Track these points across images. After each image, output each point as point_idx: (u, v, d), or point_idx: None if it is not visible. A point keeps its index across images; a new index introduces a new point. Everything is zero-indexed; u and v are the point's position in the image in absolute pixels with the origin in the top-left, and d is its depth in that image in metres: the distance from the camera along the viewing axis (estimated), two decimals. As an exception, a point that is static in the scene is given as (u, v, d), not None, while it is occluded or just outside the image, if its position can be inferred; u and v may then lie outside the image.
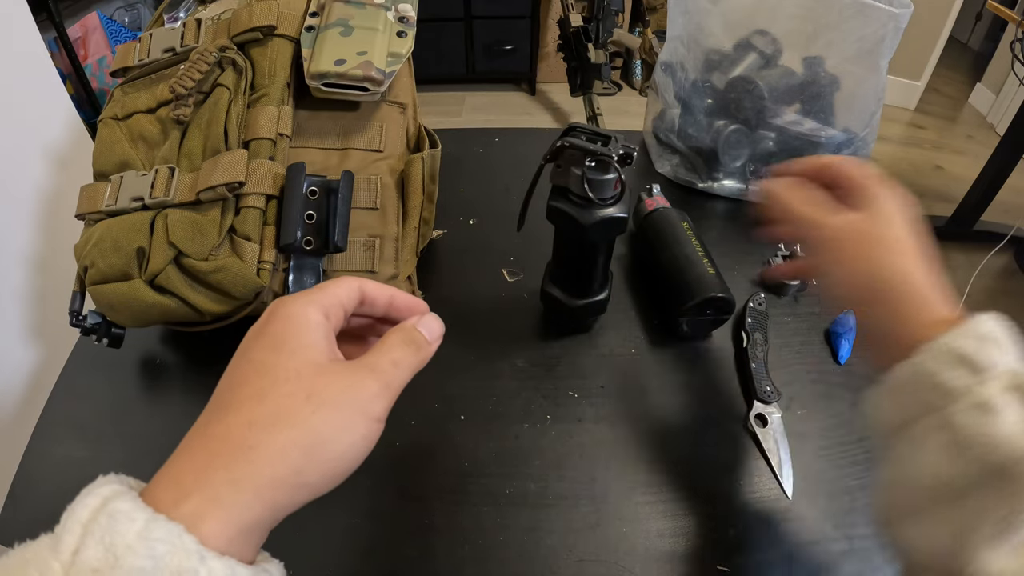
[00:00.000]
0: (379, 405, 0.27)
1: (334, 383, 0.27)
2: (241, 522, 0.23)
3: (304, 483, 0.25)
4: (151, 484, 0.25)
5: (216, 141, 0.48)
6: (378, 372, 0.28)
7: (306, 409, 0.26)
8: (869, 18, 0.57)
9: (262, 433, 0.25)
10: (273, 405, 0.26)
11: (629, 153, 0.44)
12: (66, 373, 0.54)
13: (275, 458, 0.24)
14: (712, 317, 0.54)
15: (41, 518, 0.25)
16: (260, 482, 0.24)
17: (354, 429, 0.26)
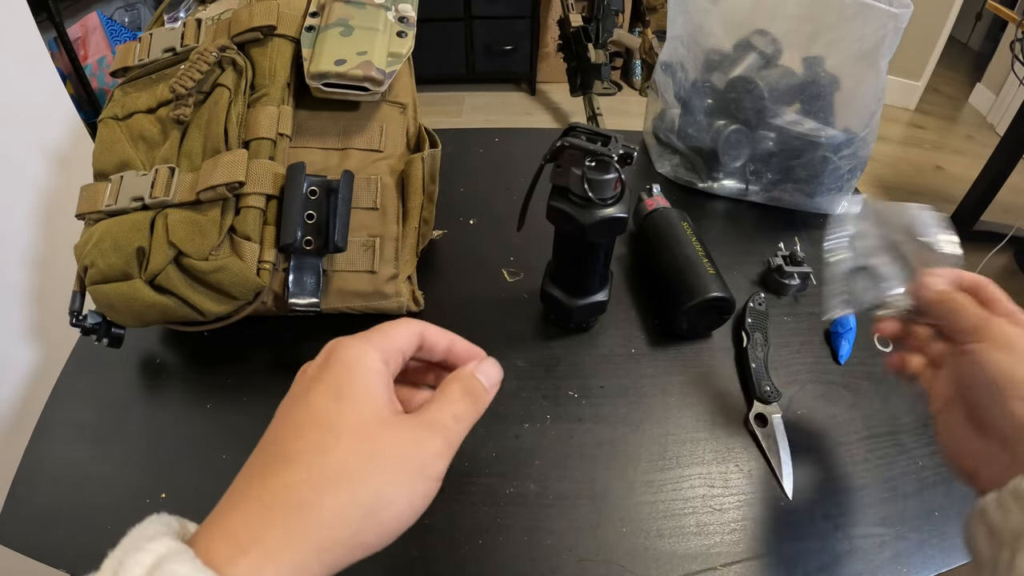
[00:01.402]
0: (440, 464, 0.27)
1: (397, 441, 0.26)
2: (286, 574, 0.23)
3: (361, 543, 0.24)
4: (203, 535, 0.24)
5: (216, 141, 0.48)
6: (440, 429, 0.27)
7: (368, 467, 0.25)
8: (869, 18, 0.57)
9: (323, 493, 0.24)
10: (335, 462, 0.25)
11: (629, 153, 0.44)
12: (66, 373, 0.54)
13: (335, 519, 0.24)
14: (712, 317, 0.54)
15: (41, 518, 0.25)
16: (318, 543, 0.23)
17: (414, 490, 0.26)
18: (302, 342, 0.54)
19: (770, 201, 0.70)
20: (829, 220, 0.47)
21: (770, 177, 0.68)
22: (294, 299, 0.48)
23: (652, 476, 0.46)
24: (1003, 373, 0.32)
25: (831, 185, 0.66)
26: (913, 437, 0.50)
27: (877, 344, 0.56)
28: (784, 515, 0.45)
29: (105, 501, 0.45)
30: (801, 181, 0.67)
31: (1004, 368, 0.32)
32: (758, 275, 0.62)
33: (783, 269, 0.59)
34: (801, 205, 0.69)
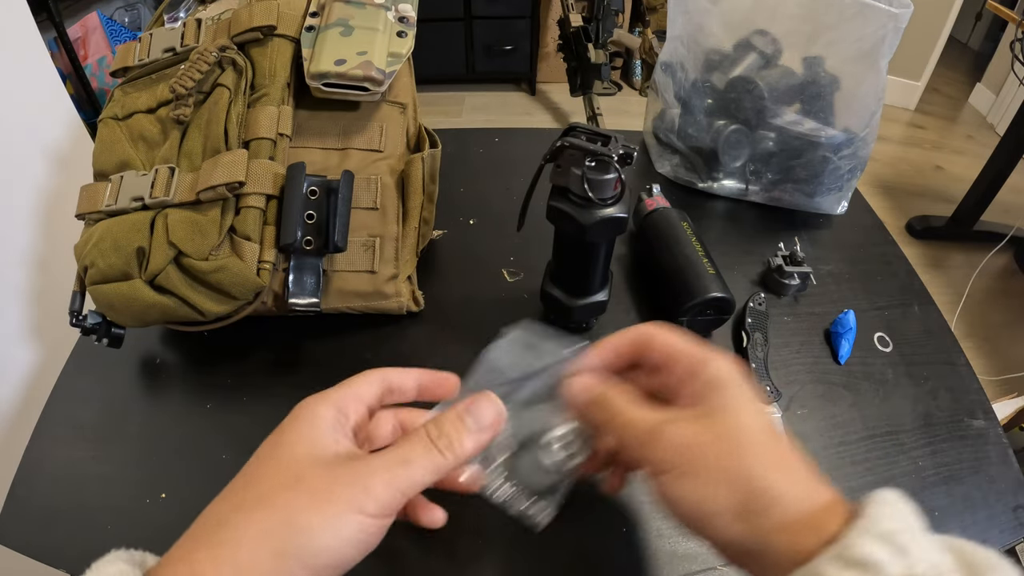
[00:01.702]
0: (373, 504, 0.26)
1: (328, 476, 0.26)
2: None
3: (287, 571, 0.24)
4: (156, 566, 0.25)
5: (216, 141, 0.48)
6: (381, 470, 0.27)
7: (289, 496, 0.25)
8: (869, 18, 0.57)
9: (246, 516, 0.25)
10: (261, 489, 0.26)
11: (629, 153, 0.44)
12: (66, 373, 0.54)
13: (254, 542, 0.24)
14: (712, 317, 0.54)
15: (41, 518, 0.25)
16: (239, 566, 0.24)
17: (344, 523, 0.25)
18: (302, 342, 0.54)
19: (770, 201, 0.70)
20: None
21: (770, 177, 0.68)
22: (294, 299, 0.48)
23: (652, 476, 0.46)
24: (695, 508, 0.27)
25: (831, 185, 0.67)
26: (913, 437, 0.50)
27: (877, 344, 0.56)
28: (784, 515, 0.45)
29: (105, 501, 0.45)
30: (801, 181, 0.67)
31: (693, 505, 0.27)
32: (758, 275, 0.62)
33: (783, 269, 0.59)
34: (801, 205, 0.69)
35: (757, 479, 0.27)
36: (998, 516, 0.45)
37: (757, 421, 0.28)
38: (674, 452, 0.28)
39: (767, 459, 0.27)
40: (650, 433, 0.29)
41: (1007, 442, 0.50)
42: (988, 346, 1.63)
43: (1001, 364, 1.57)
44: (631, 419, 0.30)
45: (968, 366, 0.55)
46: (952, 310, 1.68)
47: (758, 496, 0.26)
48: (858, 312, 0.57)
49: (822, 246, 0.66)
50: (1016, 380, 1.49)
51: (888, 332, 0.57)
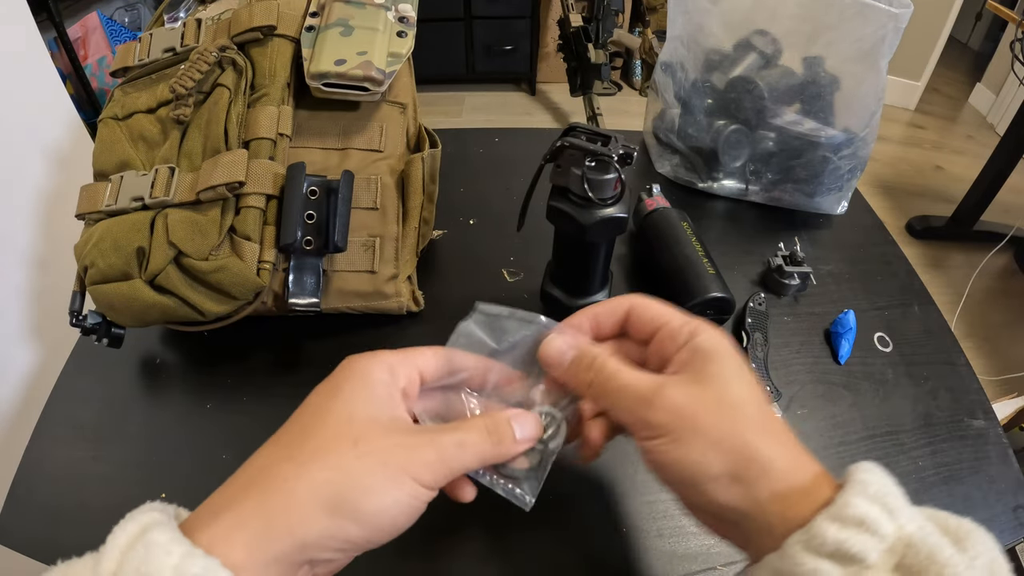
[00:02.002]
0: (428, 475, 0.26)
1: (386, 440, 0.26)
2: (268, 552, 0.23)
3: (338, 528, 0.24)
4: (193, 513, 0.25)
5: (216, 141, 0.48)
6: (437, 445, 0.27)
7: (350, 453, 0.25)
8: (869, 18, 0.57)
9: (300, 467, 0.25)
10: (317, 442, 0.25)
11: (629, 153, 0.44)
12: (66, 373, 0.54)
13: (308, 494, 0.24)
14: (712, 317, 0.54)
15: (41, 518, 0.25)
16: (290, 516, 0.23)
17: (398, 487, 0.25)
18: (302, 342, 0.54)
19: (770, 201, 0.70)
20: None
21: (770, 177, 0.68)
22: (294, 299, 0.48)
23: (652, 476, 0.46)
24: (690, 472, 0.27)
25: (831, 185, 0.67)
26: (913, 437, 0.50)
27: (877, 344, 0.56)
28: (784, 515, 0.45)
29: (105, 501, 0.45)
30: (801, 181, 0.67)
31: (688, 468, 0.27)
32: (758, 275, 0.62)
33: (783, 269, 0.59)
34: (801, 205, 0.69)
35: (751, 446, 0.27)
36: (998, 516, 0.45)
37: (750, 391, 0.29)
38: (670, 416, 0.28)
39: (760, 428, 0.28)
40: (646, 396, 0.29)
41: (1007, 442, 0.50)
42: (988, 346, 1.63)
43: (1001, 364, 1.57)
44: (626, 382, 0.30)
45: (968, 366, 0.55)
46: (952, 310, 1.68)
47: (752, 462, 0.27)
48: (858, 312, 0.57)
49: (822, 246, 0.66)
50: (1016, 380, 1.49)
51: (888, 332, 0.57)
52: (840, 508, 0.24)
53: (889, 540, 0.24)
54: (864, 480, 0.25)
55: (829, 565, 0.23)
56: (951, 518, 0.25)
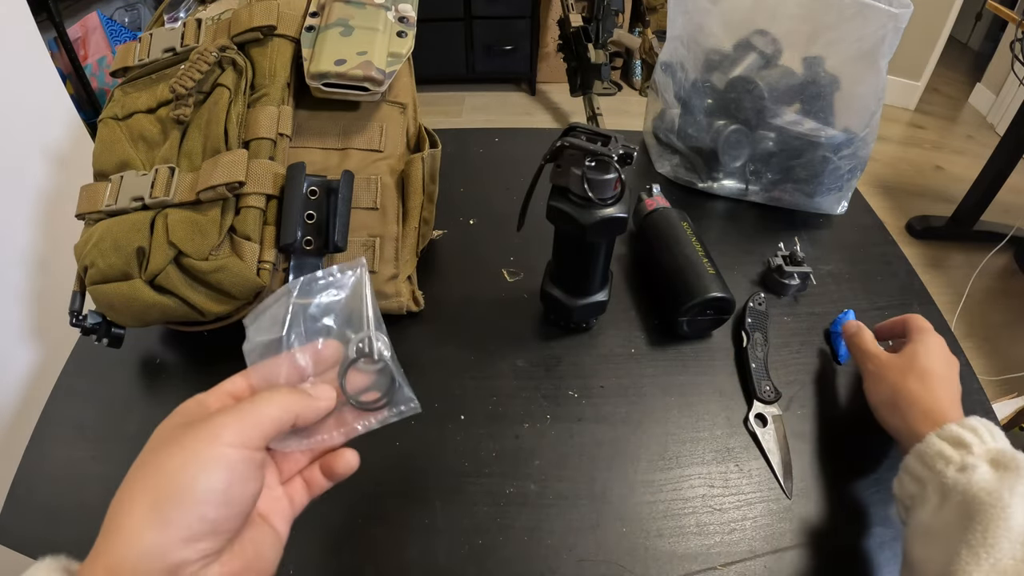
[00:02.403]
0: (227, 432, 0.28)
1: (187, 429, 0.28)
2: (122, 572, 0.25)
3: (166, 521, 0.26)
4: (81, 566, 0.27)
5: (216, 141, 0.48)
6: (231, 411, 0.29)
7: (157, 455, 0.28)
8: (869, 18, 0.57)
9: (125, 494, 0.27)
10: (134, 468, 0.28)
11: (629, 153, 0.44)
12: (66, 373, 0.54)
13: (131, 504, 0.26)
14: (712, 317, 0.54)
15: (41, 518, 0.25)
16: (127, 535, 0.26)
17: (203, 458, 0.27)
18: (302, 342, 0.54)
19: (770, 201, 0.70)
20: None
21: (770, 177, 0.68)
22: (294, 299, 0.48)
23: (652, 476, 0.47)
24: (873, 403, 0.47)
25: (831, 185, 0.67)
26: (913, 437, 0.49)
27: None
28: (784, 515, 0.45)
29: (105, 501, 0.44)
30: (801, 181, 0.67)
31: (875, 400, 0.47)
32: (758, 275, 0.62)
33: (783, 269, 0.59)
34: (801, 205, 0.69)
35: (905, 393, 0.44)
36: (998, 516, 0.45)
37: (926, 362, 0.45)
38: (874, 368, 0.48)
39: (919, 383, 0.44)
40: (871, 353, 0.49)
41: (1007, 442, 0.50)
42: (988, 346, 1.63)
43: (1001, 364, 1.57)
44: (868, 346, 0.50)
45: (968, 366, 0.55)
46: (952, 310, 1.68)
47: (902, 400, 0.44)
48: (858, 312, 0.57)
49: (822, 246, 0.66)
50: (1016, 380, 1.49)
51: (888, 332, 0.57)
52: (962, 422, 0.39)
53: (988, 444, 0.38)
54: (970, 419, 0.40)
55: (948, 446, 0.38)
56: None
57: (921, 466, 0.39)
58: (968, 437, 0.38)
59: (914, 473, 0.39)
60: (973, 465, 0.36)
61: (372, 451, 0.48)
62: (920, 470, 0.39)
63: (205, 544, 0.27)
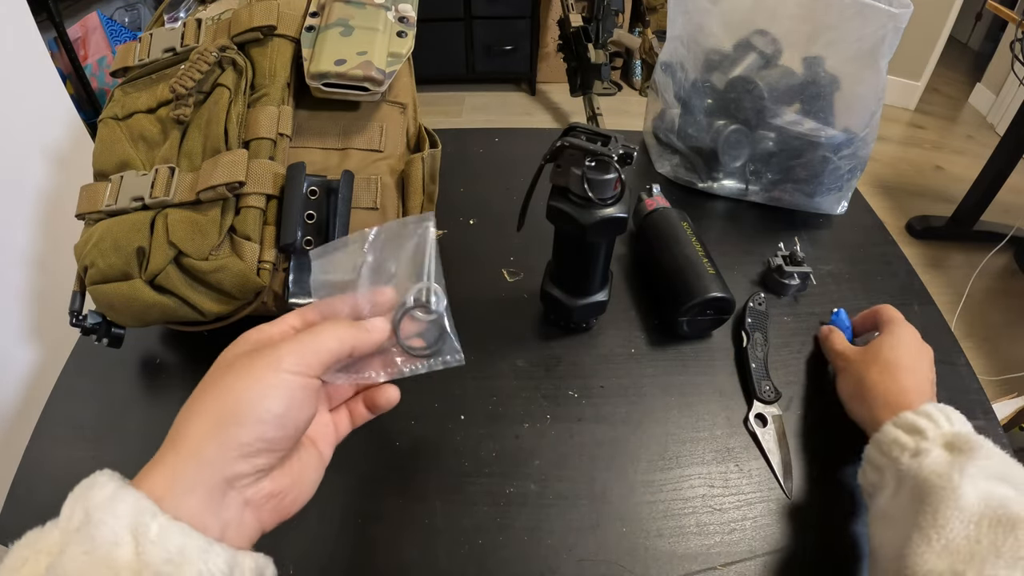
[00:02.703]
0: (288, 359, 0.30)
1: (249, 355, 0.30)
2: (180, 480, 0.27)
3: (226, 435, 0.28)
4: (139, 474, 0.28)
5: (216, 141, 0.48)
6: (291, 340, 0.31)
7: (221, 377, 0.30)
8: (869, 18, 0.57)
9: (191, 409, 0.29)
10: (201, 388, 0.30)
11: (629, 153, 0.44)
12: (66, 373, 0.54)
13: (197, 418, 0.29)
14: (712, 317, 0.54)
15: (41, 518, 0.25)
16: (190, 441, 0.28)
17: (264, 381, 0.29)
18: (302, 342, 0.54)
19: (770, 201, 0.70)
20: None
21: (770, 177, 0.68)
22: (294, 299, 0.48)
23: (652, 476, 0.46)
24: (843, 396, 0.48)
25: (831, 185, 0.67)
26: (913, 437, 0.49)
27: None
28: (784, 515, 0.45)
29: (105, 501, 0.45)
30: (801, 181, 0.67)
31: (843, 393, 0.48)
32: (758, 275, 0.62)
33: (783, 269, 0.59)
34: (801, 205, 0.69)
35: (868, 384, 0.45)
36: (998, 516, 0.45)
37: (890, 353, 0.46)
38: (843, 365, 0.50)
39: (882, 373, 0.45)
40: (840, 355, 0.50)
41: (1007, 442, 0.50)
42: (988, 346, 1.63)
43: (1001, 364, 1.57)
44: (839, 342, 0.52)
45: (968, 366, 0.55)
46: (952, 310, 1.68)
47: (866, 392, 0.45)
48: (857, 312, 0.57)
49: (822, 246, 0.66)
50: (1016, 380, 1.49)
51: (888, 332, 0.57)
52: (918, 409, 0.40)
53: (944, 429, 0.38)
54: (938, 405, 0.40)
55: (903, 433, 0.39)
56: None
57: (879, 454, 0.40)
58: (922, 423, 0.38)
59: (874, 462, 0.40)
60: (927, 450, 0.37)
61: (372, 451, 0.48)
62: (878, 458, 0.40)
63: (260, 460, 0.29)
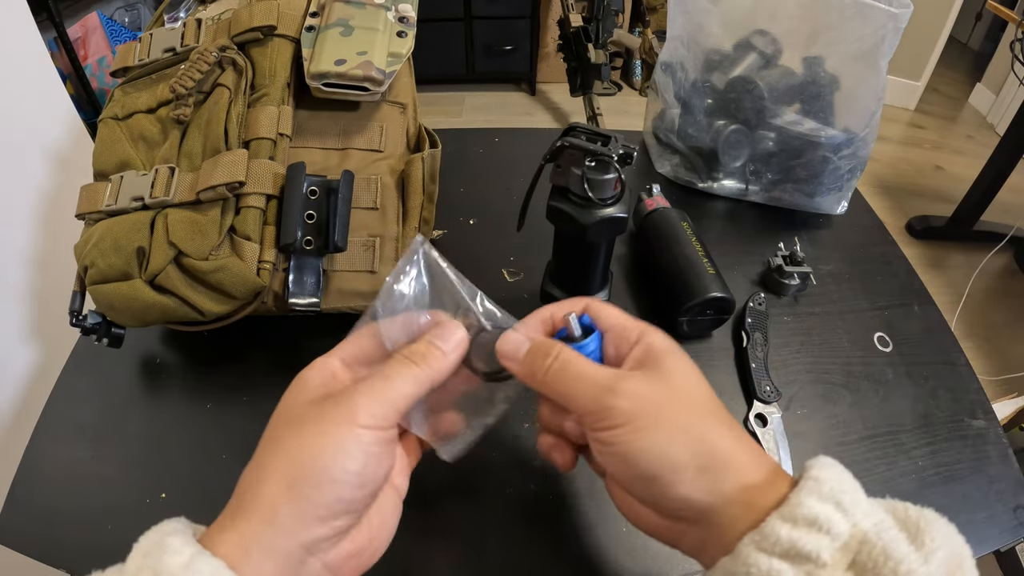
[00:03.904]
0: (362, 415, 0.27)
1: (320, 406, 0.28)
2: (257, 548, 0.25)
3: (300, 498, 0.26)
4: (207, 529, 0.27)
5: (216, 141, 0.48)
6: (364, 388, 0.29)
7: (292, 432, 0.27)
8: (869, 18, 0.57)
9: (261, 469, 0.27)
10: (268, 443, 0.28)
11: (629, 153, 0.44)
12: (66, 373, 0.54)
13: (268, 480, 0.26)
14: (712, 317, 0.54)
15: (41, 518, 0.25)
16: (263, 505, 0.26)
17: (338, 438, 0.27)
18: (302, 342, 0.54)
19: (770, 201, 0.70)
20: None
21: (770, 177, 0.68)
22: (294, 299, 0.48)
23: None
24: (656, 464, 0.27)
25: (831, 185, 0.67)
26: (913, 437, 0.50)
27: (877, 344, 0.56)
28: (784, 515, 0.45)
29: (105, 501, 0.45)
30: (801, 181, 0.67)
31: (654, 459, 0.27)
32: (758, 275, 0.62)
33: (783, 269, 0.59)
34: (801, 205, 0.69)
35: (712, 439, 0.27)
36: (998, 516, 0.45)
37: (703, 388, 0.30)
38: (633, 403, 0.28)
39: (718, 422, 0.29)
40: (608, 384, 0.29)
41: (1007, 442, 0.50)
42: (988, 346, 1.63)
43: (1001, 364, 1.57)
44: (586, 369, 0.30)
45: (968, 366, 0.55)
46: (952, 310, 1.68)
47: (715, 455, 0.27)
48: (858, 312, 0.57)
49: (822, 246, 0.66)
50: (1016, 380, 1.49)
51: (888, 332, 0.57)
52: (792, 508, 0.24)
53: (843, 538, 0.24)
54: (818, 477, 0.25)
55: (782, 564, 0.24)
56: (911, 509, 0.25)
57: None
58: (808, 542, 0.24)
59: None
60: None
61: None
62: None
63: (339, 523, 0.27)
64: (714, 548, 0.26)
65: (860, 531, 0.24)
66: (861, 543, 0.24)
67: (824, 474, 0.25)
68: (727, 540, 0.26)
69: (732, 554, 0.25)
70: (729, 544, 0.25)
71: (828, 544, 0.24)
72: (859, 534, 0.24)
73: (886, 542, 0.23)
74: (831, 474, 0.26)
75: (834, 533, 0.24)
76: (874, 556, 0.23)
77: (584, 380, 0.29)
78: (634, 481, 0.28)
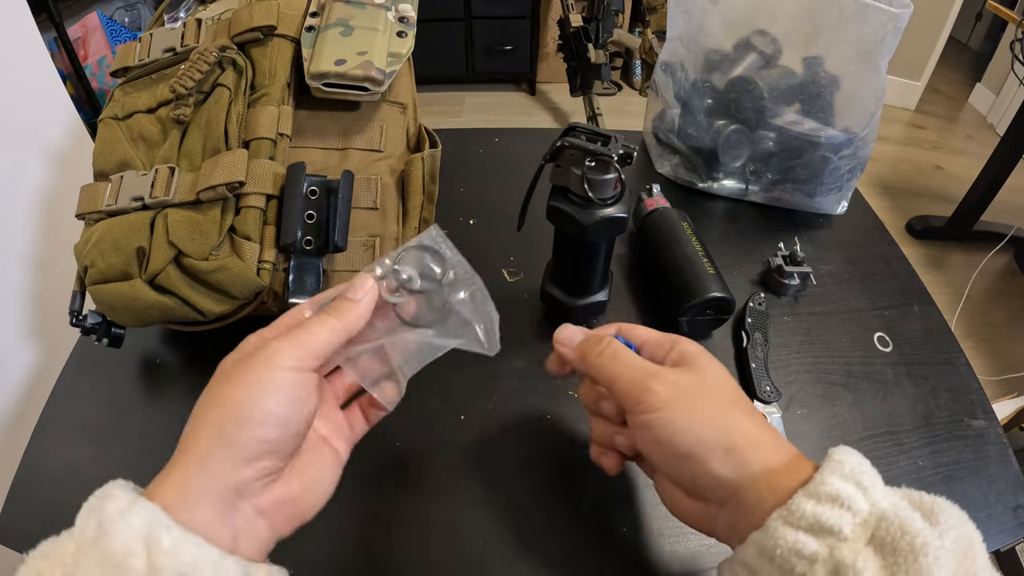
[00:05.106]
0: (281, 356, 0.29)
1: (244, 361, 0.30)
2: (189, 490, 0.27)
3: (230, 443, 0.28)
4: (152, 484, 0.29)
5: (216, 141, 0.48)
6: (284, 339, 0.31)
7: (219, 388, 0.30)
8: (869, 18, 0.57)
9: (195, 419, 0.29)
10: (203, 397, 0.30)
11: (629, 153, 0.44)
12: (66, 373, 0.54)
13: (200, 428, 0.29)
14: (712, 317, 0.54)
15: (41, 518, 0.25)
16: (195, 452, 0.28)
17: (259, 381, 0.29)
18: (302, 342, 0.54)
19: (770, 201, 0.70)
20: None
21: (770, 177, 0.68)
22: (294, 299, 0.48)
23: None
24: (689, 443, 0.30)
25: (831, 185, 0.67)
26: (913, 437, 0.50)
27: (877, 344, 0.56)
28: (784, 515, 0.45)
29: (105, 501, 0.45)
30: (801, 181, 0.67)
31: (688, 439, 0.30)
32: (758, 275, 0.62)
33: (783, 269, 0.59)
34: (801, 205, 0.69)
35: (739, 425, 0.31)
36: (998, 516, 0.45)
37: (731, 384, 0.34)
38: (670, 391, 0.32)
39: (744, 412, 0.32)
40: (650, 371, 0.33)
41: (1007, 442, 0.50)
42: (988, 346, 1.63)
43: (1001, 364, 1.57)
44: (631, 359, 0.34)
45: (968, 366, 0.55)
46: (952, 310, 1.68)
47: (745, 437, 0.30)
48: (858, 312, 0.57)
49: (822, 246, 0.66)
50: (1016, 380, 1.49)
51: (888, 332, 0.57)
52: (817, 485, 0.27)
53: (863, 515, 0.26)
54: (840, 460, 0.28)
55: (807, 538, 0.26)
56: (924, 495, 0.27)
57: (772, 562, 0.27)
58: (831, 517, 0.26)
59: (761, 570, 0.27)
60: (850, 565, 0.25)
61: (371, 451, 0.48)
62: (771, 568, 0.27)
63: (265, 463, 0.29)
64: (744, 528, 0.28)
65: (879, 509, 0.26)
66: (879, 520, 0.25)
67: (845, 458, 0.28)
68: (755, 517, 0.28)
69: (762, 528, 0.27)
70: (757, 521, 0.28)
71: (849, 519, 0.26)
72: (877, 512, 0.26)
73: (903, 519, 0.25)
74: (852, 459, 0.28)
75: (855, 509, 0.26)
76: (892, 531, 0.25)
77: (629, 366, 0.34)
78: (671, 460, 0.32)
